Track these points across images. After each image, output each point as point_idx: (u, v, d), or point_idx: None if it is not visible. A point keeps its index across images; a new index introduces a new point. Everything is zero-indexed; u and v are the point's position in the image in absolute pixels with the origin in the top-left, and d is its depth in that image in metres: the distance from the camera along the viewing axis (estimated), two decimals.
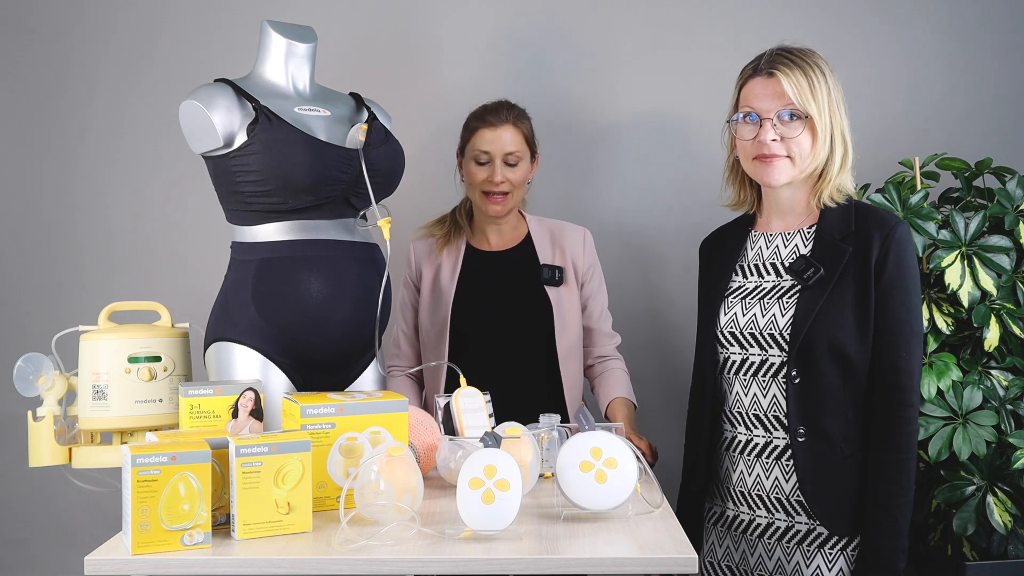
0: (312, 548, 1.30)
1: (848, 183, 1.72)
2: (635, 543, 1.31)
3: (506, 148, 2.05)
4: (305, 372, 1.75)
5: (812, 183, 1.72)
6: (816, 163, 1.68)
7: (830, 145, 1.68)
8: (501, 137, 2.04)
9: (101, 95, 2.52)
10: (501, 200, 2.06)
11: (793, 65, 1.66)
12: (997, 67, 2.48)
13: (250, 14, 2.45)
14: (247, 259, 1.73)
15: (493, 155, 2.05)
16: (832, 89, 1.67)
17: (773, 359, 1.69)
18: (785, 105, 1.65)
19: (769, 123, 1.66)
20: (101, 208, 2.52)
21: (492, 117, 2.06)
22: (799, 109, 1.64)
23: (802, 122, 1.66)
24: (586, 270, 2.15)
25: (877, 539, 1.61)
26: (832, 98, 1.67)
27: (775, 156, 1.67)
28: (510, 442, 1.53)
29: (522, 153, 2.07)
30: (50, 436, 1.69)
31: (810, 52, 1.70)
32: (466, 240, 2.15)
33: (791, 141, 1.66)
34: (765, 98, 1.67)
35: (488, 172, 2.05)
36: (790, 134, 1.66)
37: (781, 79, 1.65)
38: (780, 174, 1.68)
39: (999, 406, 2.02)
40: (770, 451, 1.70)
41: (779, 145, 1.67)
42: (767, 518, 1.71)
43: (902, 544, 1.61)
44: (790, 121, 1.66)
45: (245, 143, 1.66)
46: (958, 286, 2.02)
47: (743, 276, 1.79)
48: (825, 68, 1.68)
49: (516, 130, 2.07)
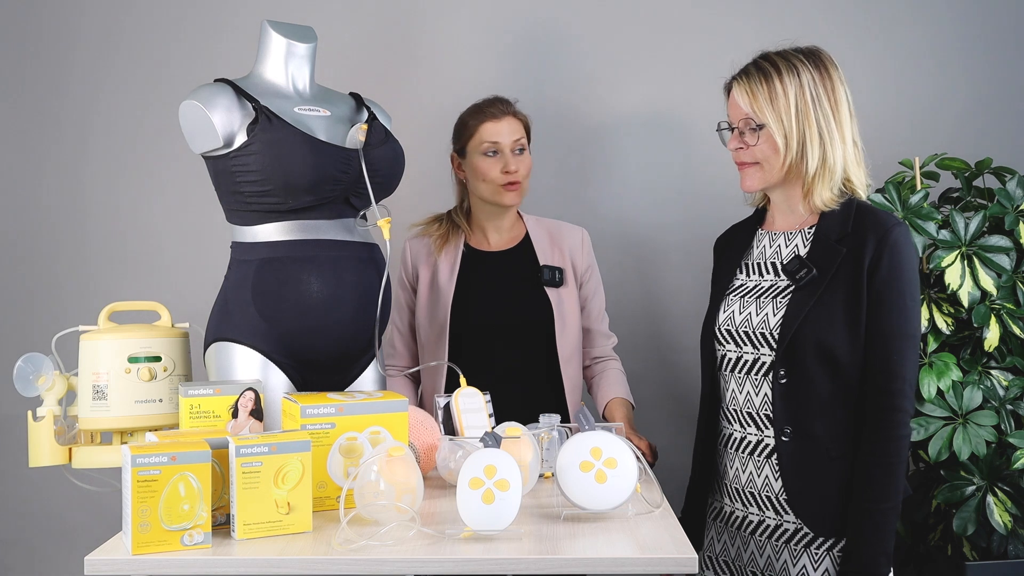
0: (312, 548, 1.30)
1: (857, 183, 1.69)
2: (635, 543, 1.31)
3: (514, 136, 2.07)
4: (305, 372, 1.75)
5: (801, 185, 1.71)
6: (787, 167, 1.68)
7: (799, 147, 1.66)
8: (509, 127, 2.07)
9: (101, 95, 2.52)
10: (516, 188, 2.07)
11: (754, 74, 1.68)
12: (997, 67, 2.48)
13: (250, 14, 2.45)
14: (247, 259, 1.73)
15: (503, 145, 2.06)
16: (809, 88, 1.65)
17: (764, 358, 1.69)
18: (743, 115, 1.69)
19: (736, 133, 1.71)
20: (101, 208, 2.52)
21: (493, 109, 2.08)
22: (753, 118, 1.67)
23: (760, 131, 1.67)
24: (584, 271, 2.15)
25: (860, 544, 1.60)
26: (806, 99, 1.65)
27: (744, 164, 1.72)
28: (510, 442, 1.53)
29: (525, 142, 2.11)
30: (50, 436, 1.69)
31: (791, 54, 1.69)
32: (464, 239, 2.15)
33: (754, 148, 1.69)
34: (731, 107, 1.73)
35: (501, 163, 2.06)
36: (750, 142, 1.69)
37: (735, 91, 1.70)
38: (751, 181, 1.72)
39: (999, 406, 2.02)
40: (761, 449, 1.70)
41: (745, 153, 1.70)
42: (758, 515, 1.72)
43: (886, 549, 1.59)
44: (751, 131, 1.69)
45: (245, 143, 1.66)
46: (958, 286, 2.02)
47: (746, 274, 1.80)
48: (804, 69, 1.66)
49: (517, 120, 2.10)
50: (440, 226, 2.16)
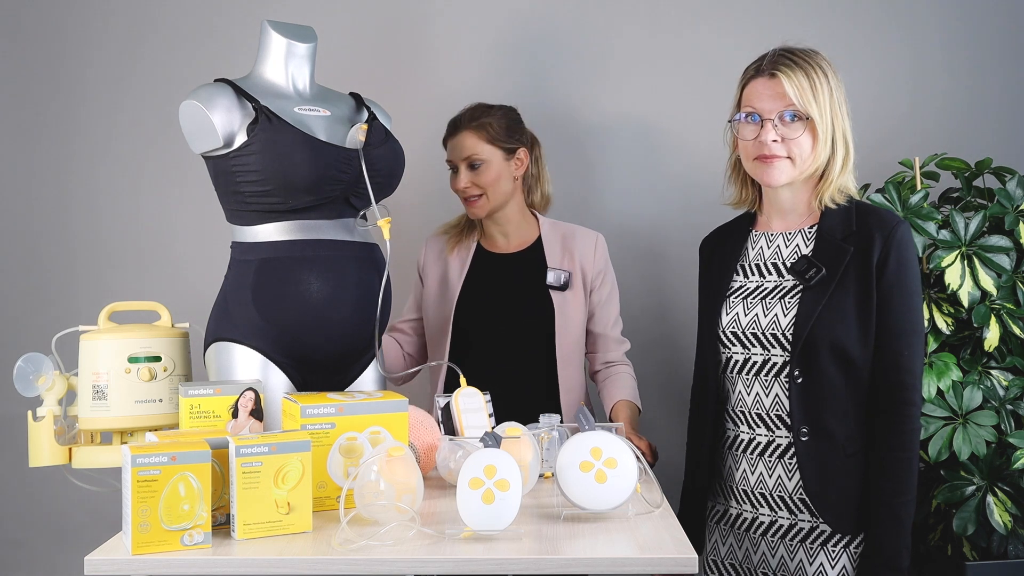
0: (312, 548, 1.30)
1: (850, 183, 1.72)
2: (635, 543, 1.31)
3: (463, 154, 2.08)
4: (305, 372, 1.75)
5: (813, 184, 1.73)
6: (817, 164, 1.69)
7: (831, 146, 1.68)
8: (460, 144, 2.09)
9: (101, 95, 2.52)
10: (476, 202, 2.10)
11: (795, 66, 1.66)
12: (997, 67, 2.48)
13: (250, 14, 2.45)
14: (247, 259, 1.73)
15: (456, 162, 2.10)
16: (834, 90, 1.68)
17: (775, 359, 1.69)
18: (786, 106, 1.65)
19: (770, 124, 1.67)
20: (101, 208, 2.52)
21: (452, 126, 2.12)
22: (800, 110, 1.65)
23: (803, 123, 1.66)
24: (595, 276, 2.15)
25: (881, 537, 1.62)
26: (834, 99, 1.68)
27: (775, 157, 1.68)
28: (510, 442, 1.53)
29: (485, 155, 2.08)
30: (50, 436, 1.69)
31: (813, 53, 1.70)
32: (477, 241, 2.18)
33: (791, 142, 1.66)
34: (767, 99, 1.67)
35: (456, 179, 2.11)
36: (791, 135, 1.66)
37: (783, 80, 1.65)
38: (780, 175, 1.69)
39: (999, 406, 2.02)
40: (772, 450, 1.70)
41: (780, 146, 1.67)
42: (770, 516, 1.72)
43: (906, 542, 1.61)
44: (791, 122, 1.66)
45: (245, 143, 1.66)
46: (958, 286, 2.02)
47: (744, 276, 1.80)
48: (828, 69, 1.68)
49: (474, 133, 2.08)
50: (457, 227, 2.21)
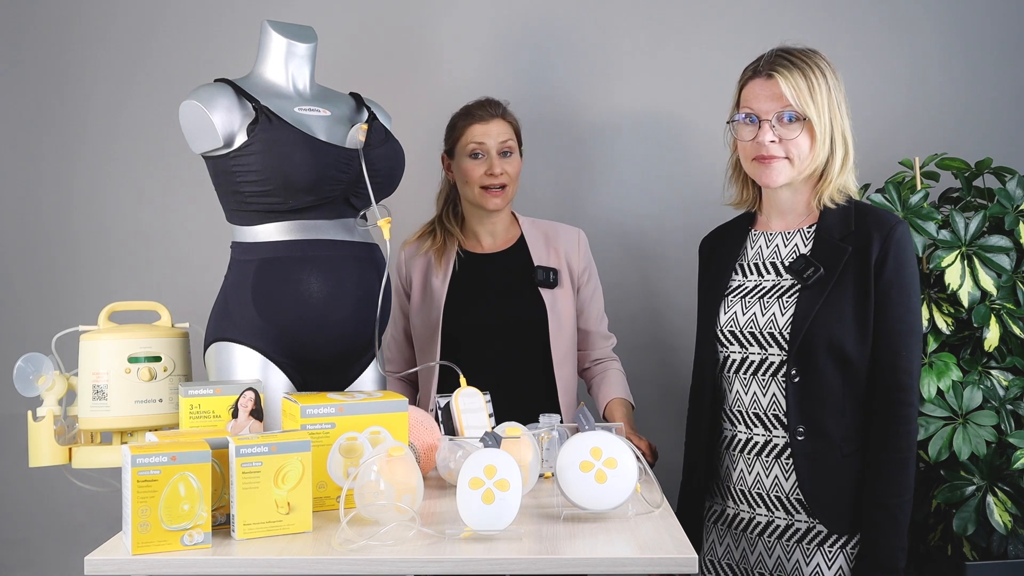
0: (312, 548, 1.30)
1: (851, 183, 1.72)
2: (635, 543, 1.31)
3: (500, 138, 2.07)
4: (305, 372, 1.75)
5: (813, 183, 1.73)
6: (816, 164, 1.69)
7: (830, 146, 1.68)
8: (496, 130, 2.08)
9: (101, 95, 2.52)
10: (500, 193, 2.07)
11: (793, 67, 1.66)
12: (997, 67, 2.48)
13: (250, 14, 2.45)
14: (247, 259, 1.73)
15: (488, 147, 2.07)
16: (833, 90, 1.68)
17: (773, 358, 1.69)
18: (783, 107, 1.66)
19: (768, 125, 1.67)
20: (101, 208, 2.52)
21: (481, 112, 2.09)
22: (797, 111, 1.65)
23: (800, 124, 1.66)
24: (581, 272, 2.15)
25: (877, 538, 1.61)
26: (832, 99, 1.68)
27: (773, 157, 1.68)
28: (510, 442, 1.53)
29: (513, 145, 2.10)
30: (50, 436, 1.69)
31: (812, 53, 1.70)
32: (458, 243, 2.14)
33: (789, 143, 1.66)
34: (764, 99, 1.67)
35: (485, 165, 2.06)
36: (788, 136, 1.66)
37: (780, 81, 1.65)
38: (778, 175, 1.69)
39: (999, 406, 2.02)
40: (769, 449, 1.70)
41: (777, 146, 1.67)
42: (767, 516, 1.72)
43: (902, 543, 1.61)
44: (788, 123, 1.66)
45: (245, 143, 1.66)
46: (958, 286, 2.02)
47: (743, 275, 1.80)
48: (826, 69, 1.68)
49: (506, 123, 2.10)
50: (435, 237, 2.14)
